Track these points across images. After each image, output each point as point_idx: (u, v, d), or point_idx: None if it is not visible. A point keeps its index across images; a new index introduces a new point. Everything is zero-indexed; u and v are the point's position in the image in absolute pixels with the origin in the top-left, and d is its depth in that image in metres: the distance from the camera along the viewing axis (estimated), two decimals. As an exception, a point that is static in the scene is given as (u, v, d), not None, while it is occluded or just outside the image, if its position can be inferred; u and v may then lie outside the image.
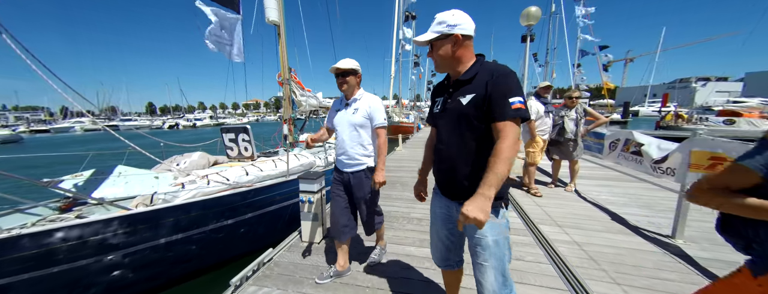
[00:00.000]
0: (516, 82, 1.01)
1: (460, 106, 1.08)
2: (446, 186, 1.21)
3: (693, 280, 1.85)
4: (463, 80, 1.09)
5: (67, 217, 2.29)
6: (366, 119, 1.80)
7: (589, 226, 2.75)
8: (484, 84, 1.02)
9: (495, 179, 0.93)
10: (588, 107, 3.96)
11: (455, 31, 1.06)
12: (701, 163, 2.14)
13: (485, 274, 1.09)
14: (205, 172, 3.30)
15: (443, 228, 1.29)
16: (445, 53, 1.10)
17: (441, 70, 1.16)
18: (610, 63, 20.88)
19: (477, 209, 0.89)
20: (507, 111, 0.98)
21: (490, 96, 1.00)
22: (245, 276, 1.91)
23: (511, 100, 0.97)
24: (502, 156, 0.94)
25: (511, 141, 0.96)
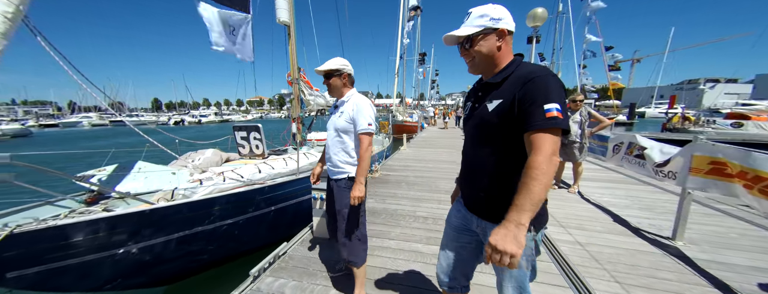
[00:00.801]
0: (555, 85, 0.85)
1: (484, 112, 0.97)
2: (466, 196, 1.13)
3: (690, 280, 1.93)
4: (493, 83, 0.97)
5: (94, 210, 2.43)
6: (349, 123, 1.64)
7: (591, 227, 2.84)
8: (515, 88, 0.89)
9: (528, 202, 0.78)
10: (592, 110, 4.02)
11: (501, 26, 0.93)
12: (702, 168, 2.21)
13: (504, 290, 1.03)
14: (221, 170, 3.43)
15: (454, 240, 1.18)
16: (489, 50, 0.96)
17: (478, 70, 1.03)
18: (617, 63, 20.68)
19: (508, 240, 0.76)
20: (539, 120, 0.83)
21: (521, 102, 0.87)
22: (262, 268, 2.03)
23: (547, 107, 0.82)
24: (534, 174, 0.80)
25: (546, 155, 0.81)
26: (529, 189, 0.79)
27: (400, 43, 16.70)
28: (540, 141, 0.83)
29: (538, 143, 0.83)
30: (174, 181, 3.19)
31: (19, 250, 1.84)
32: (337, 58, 1.73)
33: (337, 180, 1.70)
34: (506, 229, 0.78)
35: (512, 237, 0.76)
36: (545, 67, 0.92)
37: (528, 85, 0.86)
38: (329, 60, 1.70)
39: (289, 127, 5.74)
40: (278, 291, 1.85)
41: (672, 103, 21.34)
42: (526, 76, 0.88)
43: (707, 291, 1.82)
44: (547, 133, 0.83)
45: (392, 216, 3.19)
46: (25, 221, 1.91)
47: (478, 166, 1.03)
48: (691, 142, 2.32)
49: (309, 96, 5.80)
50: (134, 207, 2.29)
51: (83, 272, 2.12)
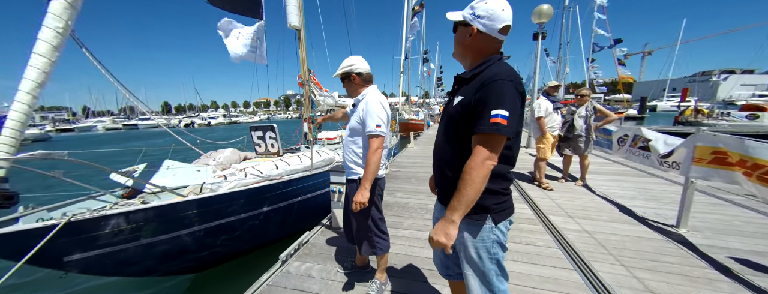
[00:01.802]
0: (510, 92, 0.87)
1: (450, 106, 1.02)
2: (438, 188, 1.16)
3: (691, 263, 2.03)
4: (464, 78, 1.01)
5: (134, 203, 2.66)
6: (359, 124, 1.59)
7: (597, 216, 2.94)
8: (475, 88, 0.92)
9: (459, 203, 0.88)
10: (597, 104, 4.09)
11: (474, 24, 0.96)
12: (704, 157, 2.30)
13: (470, 287, 1.06)
14: (242, 166, 3.65)
15: None
16: (458, 40, 1.03)
17: (455, 56, 1.09)
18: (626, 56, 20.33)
19: (440, 232, 0.89)
20: (484, 124, 0.86)
21: (476, 103, 0.90)
22: (289, 253, 2.22)
23: (494, 112, 0.85)
24: (466, 177, 0.87)
25: (480, 159, 0.86)
26: (461, 192, 0.87)
27: (404, 42, 16.79)
28: (479, 144, 0.87)
29: (476, 146, 0.88)
30: (199, 177, 3.42)
31: (75, 237, 2.07)
32: (349, 57, 1.70)
33: (349, 180, 1.71)
34: (441, 224, 0.90)
35: (443, 231, 0.89)
36: (509, 72, 0.91)
37: (485, 88, 0.88)
38: (343, 61, 1.70)
39: (300, 127, 5.97)
40: (305, 273, 2.04)
41: (684, 95, 20.91)
42: (488, 78, 0.90)
43: (707, 272, 1.92)
44: (487, 138, 0.86)
45: (404, 208, 3.35)
46: (79, 211, 2.13)
47: (442, 158, 1.07)
48: (694, 133, 2.41)
49: (319, 96, 6.00)
50: (171, 199, 2.50)
51: (126, 258, 2.35)
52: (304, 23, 5.25)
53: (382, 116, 1.55)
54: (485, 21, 0.94)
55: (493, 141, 0.87)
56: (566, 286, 1.81)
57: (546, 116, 3.94)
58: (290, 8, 4.95)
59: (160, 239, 2.43)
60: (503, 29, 0.96)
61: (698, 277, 1.87)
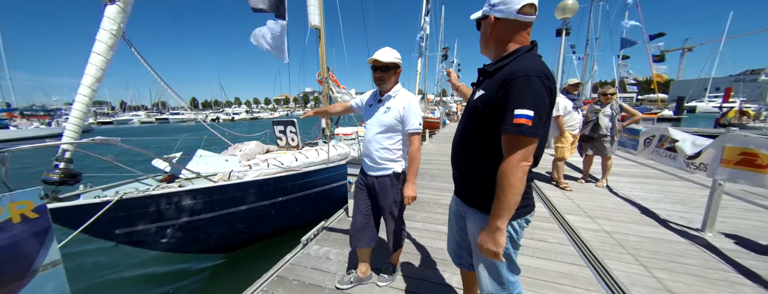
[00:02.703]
0: (532, 88, 0.82)
1: (472, 99, 1.00)
2: (455, 181, 1.18)
3: (714, 266, 1.97)
4: (488, 71, 0.98)
5: (173, 186, 2.95)
6: (398, 121, 1.57)
7: (616, 217, 2.87)
8: (497, 84, 0.88)
9: (500, 209, 0.85)
10: (623, 103, 3.94)
11: (491, 13, 0.93)
12: (732, 159, 2.20)
13: (480, 275, 1.07)
14: (265, 157, 3.89)
15: (454, 223, 1.25)
16: (481, 36, 1.01)
17: (482, 52, 1.06)
18: (663, 53, 18.92)
19: (489, 241, 0.88)
20: (507, 123, 0.82)
21: (498, 101, 0.86)
22: (310, 237, 2.40)
23: (516, 112, 0.80)
24: (504, 182, 0.83)
25: (514, 163, 0.82)
26: (500, 199, 0.84)
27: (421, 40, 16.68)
28: (509, 147, 0.84)
29: (506, 149, 0.84)
30: (227, 166, 3.70)
31: (125, 213, 2.35)
32: (390, 49, 1.59)
33: (379, 177, 1.63)
34: (487, 233, 0.89)
35: (491, 240, 0.88)
36: (536, 66, 0.85)
37: (508, 85, 0.83)
38: (384, 50, 1.57)
39: (319, 123, 6.20)
40: (324, 256, 2.20)
41: (727, 96, 19.21)
42: (511, 73, 0.84)
43: (730, 276, 1.86)
44: (513, 139, 0.83)
45: (417, 203, 3.43)
46: (129, 191, 2.41)
47: (460, 150, 1.07)
48: (723, 133, 2.30)
49: (337, 93, 6.20)
50: (204, 184, 2.76)
51: (165, 234, 2.63)
52: (324, 22, 5.44)
53: (421, 114, 1.62)
54: (501, 7, 0.90)
55: (520, 142, 0.82)
56: (578, 281, 1.83)
57: (565, 115, 3.85)
58: (311, 8, 5.15)
59: (194, 219, 2.70)
60: (524, 8, 0.88)
61: (719, 279, 1.82)
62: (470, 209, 1.07)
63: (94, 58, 2.37)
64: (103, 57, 2.39)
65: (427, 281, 1.88)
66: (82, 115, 2.32)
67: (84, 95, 2.34)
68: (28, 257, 0.81)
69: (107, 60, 2.42)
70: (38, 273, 0.83)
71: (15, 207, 0.78)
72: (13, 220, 0.78)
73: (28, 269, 0.81)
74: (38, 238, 0.82)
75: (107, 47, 2.40)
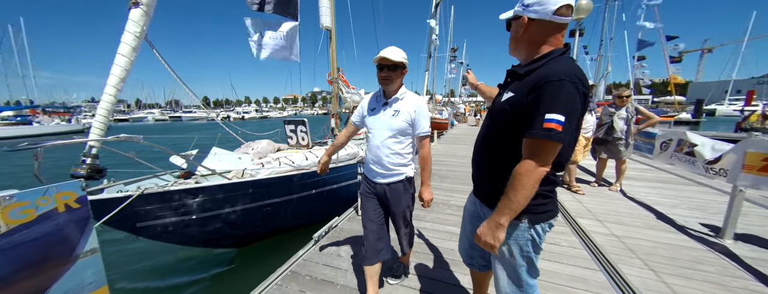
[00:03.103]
0: (565, 93, 0.80)
1: (499, 101, 0.98)
2: (474, 181, 1.18)
3: (733, 274, 1.92)
4: (518, 73, 0.95)
5: (190, 182, 3.06)
6: (408, 125, 1.49)
7: (630, 222, 2.82)
8: (529, 86, 0.86)
9: (508, 207, 0.84)
10: (639, 106, 3.85)
11: (524, 13, 0.91)
12: (755, 164, 2.13)
13: (498, 276, 1.06)
14: (276, 156, 3.98)
15: (469, 223, 1.25)
16: (511, 36, 0.98)
17: (511, 53, 1.03)
18: (681, 54, 18.30)
19: (488, 234, 0.89)
20: (535, 127, 0.80)
21: (529, 105, 0.84)
22: (321, 234, 2.45)
23: (547, 117, 0.78)
24: (517, 183, 0.82)
25: (530, 167, 0.81)
26: (510, 197, 0.84)
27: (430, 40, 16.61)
28: (531, 150, 0.82)
29: (528, 152, 0.83)
30: (240, 163, 3.79)
31: (145, 207, 2.45)
32: (397, 48, 1.49)
33: (391, 183, 1.56)
34: (488, 225, 0.89)
35: (491, 233, 0.88)
36: (570, 70, 0.83)
37: (541, 89, 0.82)
38: (392, 49, 1.47)
39: (328, 123, 6.27)
40: (335, 252, 2.24)
41: (750, 99, 18.44)
42: (544, 77, 0.83)
43: (750, 284, 1.81)
44: (538, 143, 0.81)
45: (427, 203, 3.45)
46: (149, 186, 2.51)
47: (480, 153, 1.06)
48: (745, 138, 2.23)
49: (346, 94, 6.26)
50: (220, 181, 2.85)
51: (183, 228, 2.73)
52: (335, 23, 5.51)
53: (429, 116, 1.57)
54: (536, 7, 0.88)
55: (545, 147, 0.80)
56: (591, 285, 1.81)
57: (579, 117, 3.79)
58: (323, 10, 5.23)
59: (210, 214, 2.79)
60: (560, 10, 0.86)
61: (738, 287, 1.78)
62: (487, 209, 1.07)
63: (118, 59, 2.47)
64: (127, 58, 2.49)
65: (438, 281, 1.89)
66: (108, 113, 2.44)
67: (109, 94, 2.44)
68: (70, 244, 0.87)
69: (131, 61, 2.52)
70: (79, 259, 0.89)
71: (60, 197, 0.84)
72: (58, 209, 0.85)
73: (70, 255, 0.88)
74: (79, 227, 0.89)
75: (131, 49, 2.51)
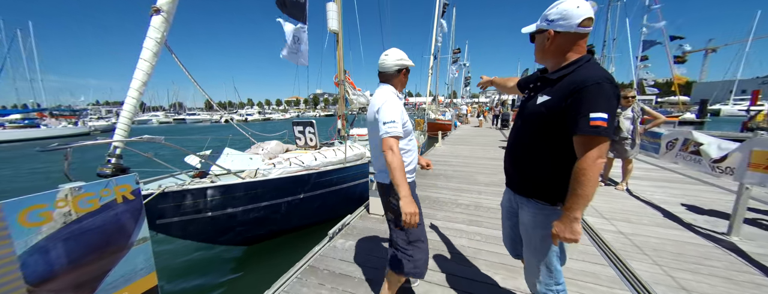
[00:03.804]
0: (606, 94, 0.89)
1: (534, 105, 1.06)
2: (507, 174, 1.27)
3: (740, 268, 1.97)
4: (549, 79, 1.05)
5: (205, 181, 3.15)
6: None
7: (637, 220, 2.86)
8: (565, 91, 0.95)
9: (577, 202, 0.92)
10: (645, 106, 3.90)
11: (550, 28, 1.01)
12: (761, 163, 2.18)
13: (530, 264, 1.17)
14: (287, 156, 4.07)
15: (507, 219, 1.34)
16: (538, 48, 1.09)
17: (538, 62, 1.14)
18: (685, 54, 18.22)
19: (566, 230, 0.96)
20: (583, 126, 0.89)
21: (569, 107, 0.93)
22: (335, 231, 2.52)
23: (592, 116, 0.88)
24: (581, 179, 0.91)
25: (590, 161, 0.90)
26: (578, 194, 0.92)
27: (434, 43, 16.71)
28: (585, 146, 0.91)
29: (583, 149, 0.91)
30: (252, 164, 3.89)
31: (165, 204, 2.54)
32: (396, 50, 1.47)
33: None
34: (564, 222, 0.96)
35: (569, 228, 0.96)
36: (604, 74, 0.92)
37: (581, 92, 0.91)
38: (397, 53, 1.45)
39: (334, 124, 6.37)
40: (349, 248, 2.31)
41: (755, 98, 18.28)
42: (582, 81, 0.92)
43: (757, 278, 1.86)
44: (590, 139, 0.90)
45: (435, 202, 3.51)
46: (168, 184, 2.61)
47: (522, 151, 1.15)
48: (751, 137, 2.28)
49: (353, 95, 6.35)
50: (233, 180, 2.93)
51: (201, 225, 2.83)
52: (342, 27, 5.62)
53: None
54: (561, 22, 0.98)
55: (596, 142, 0.89)
56: (601, 280, 1.87)
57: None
58: (330, 14, 5.34)
59: (226, 212, 2.89)
60: (584, 22, 0.96)
61: (744, 281, 1.82)
62: (526, 200, 1.14)
63: (141, 64, 2.58)
64: (149, 62, 2.60)
65: (451, 274, 1.96)
66: (132, 115, 2.53)
67: (133, 97, 2.54)
68: (126, 232, 0.95)
69: (152, 65, 2.62)
70: (133, 246, 0.97)
71: (119, 189, 0.93)
72: (117, 200, 0.93)
73: (126, 242, 0.96)
74: (134, 217, 0.97)
75: (153, 54, 2.61)
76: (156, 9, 2.60)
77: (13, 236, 0.74)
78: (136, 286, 0.99)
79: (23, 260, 0.76)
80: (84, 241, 0.85)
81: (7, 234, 0.73)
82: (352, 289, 1.81)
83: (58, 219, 0.83)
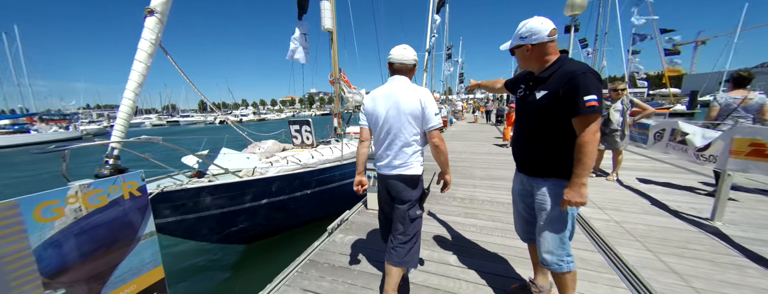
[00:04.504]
0: (593, 80, 1.11)
1: (534, 100, 1.26)
2: (518, 160, 1.45)
3: (722, 251, 2.06)
4: (541, 77, 1.25)
5: (201, 181, 3.17)
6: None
7: (627, 208, 2.96)
8: (559, 83, 1.15)
9: (582, 170, 1.13)
10: (635, 98, 4.00)
11: (526, 42, 1.24)
12: (742, 150, 2.28)
13: (543, 233, 1.31)
14: (284, 155, 4.10)
15: (520, 202, 1.49)
16: (520, 58, 1.31)
17: (523, 68, 1.37)
18: (676, 47, 18.42)
19: (575, 195, 1.14)
20: (581, 107, 1.09)
21: (565, 94, 1.13)
22: (334, 226, 2.57)
23: (586, 98, 1.08)
24: (584, 150, 1.11)
25: (590, 135, 1.10)
26: (583, 162, 1.13)
27: (428, 39, 16.71)
28: (583, 124, 1.12)
29: (582, 127, 1.12)
30: (249, 163, 3.91)
31: (164, 204, 2.57)
32: (408, 48, 1.53)
33: None
34: (574, 188, 1.15)
35: (578, 193, 1.15)
36: (586, 66, 1.16)
37: (572, 81, 1.12)
38: (413, 49, 1.55)
39: (331, 122, 6.39)
40: (348, 242, 2.37)
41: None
42: (570, 73, 1.14)
43: (737, 260, 1.96)
44: (587, 118, 1.11)
45: (431, 196, 3.57)
46: (167, 184, 2.63)
47: (530, 138, 1.35)
48: (732, 126, 2.38)
49: (348, 94, 6.38)
50: (232, 179, 2.96)
51: (200, 224, 2.86)
52: (336, 26, 5.62)
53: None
54: (534, 36, 1.22)
55: (591, 119, 1.11)
56: (591, 264, 1.95)
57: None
58: (324, 12, 5.34)
59: (225, 211, 2.92)
60: (551, 33, 1.21)
61: (726, 263, 1.92)
62: (543, 180, 1.30)
63: (136, 65, 2.59)
64: (144, 64, 2.61)
65: (444, 264, 2.03)
66: (128, 116, 2.55)
67: (129, 99, 2.56)
68: (134, 227, 0.99)
69: (147, 66, 2.63)
70: (141, 241, 1.01)
71: (126, 186, 0.96)
72: (124, 197, 0.97)
73: (134, 237, 1.00)
74: (140, 212, 1.01)
75: (147, 55, 2.62)
76: (150, 10, 2.61)
77: (29, 231, 0.78)
78: (143, 279, 1.03)
79: (38, 254, 0.80)
80: (94, 236, 0.89)
81: (23, 228, 0.77)
82: (351, 280, 1.87)
83: (69, 214, 0.87)
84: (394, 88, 1.47)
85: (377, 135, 1.56)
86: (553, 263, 1.30)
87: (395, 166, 1.52)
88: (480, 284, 1.80)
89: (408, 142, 1.47)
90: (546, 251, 1.31)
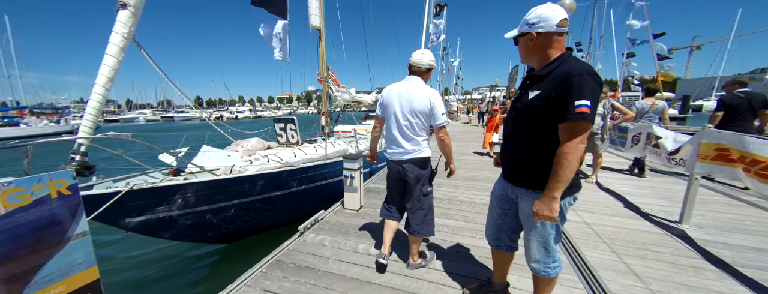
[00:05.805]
0: (589, 84, 0.97)
1: (526, 100, 1.14)
2: (507, 168, 1.32)
3: (684, 254, 2.09)
4: (538, 76, 1.12)
5: (176, 179, 3.14)
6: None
7: (599, 210, 2.99)
8: (553, 83, 1.02)
9: (557, 183, 1.00)
10: (616, 103, 4.04)
11: (532, 30, 1.09)
12: (708, 154, 2.31)
13: (530, 243, 1.26)
14: (265, 153, 4.07)
15: (497, 207, 1.40)
16: (522, 48, 1.17)
17: (524, 62, 1.24)
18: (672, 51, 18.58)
19: (544, 208, 1.04)
20: (569, 113, 0.96)
21: (557, 96, 1.00)
22: (306, 226, 2.56)
23: (578, 103, 0.95)
24: (564, 161, 0.98)
25: (573, 145, 0.97)
26: (559, 174, 1.00)
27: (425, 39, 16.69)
28: (569, 133, 0.99)
29: (567, 135, 0.99)
30: (230, 161, 3.88)
31: (134, 203, 2.54)
32: (431, 53, 1.77)
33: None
34: (544, 202, 1.05)
35: (548, 206, 1.04)
36: (586, 67, 1.01)
37: (565, 83, 0.99)
38: (430, 54, 1.77)
39: (318, 121, 6.36)
40: (319, 243, 2.36)
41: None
42: (567, 73, 1.01)
43: (696, 262, 1.99)
44: (575, 125, 0.98)
45: (411, 196, 3.58)
46: (138, 182, 2.60)
47: (518, 143, 1.22)
48: (699, 130, 2.41)
49: (336, 92, 6.35)
50: (209, 178, 2.93)
51: (172, 223, 2.83)
52: (324, 23, 5.59)
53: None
54: (541, 24, 1.08)
55: (580, 127, 0.97)
56: (552, 267, 1.96)
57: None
58: (312, 9, 5.30)
59: (199, 210, 2.89)
60: (561, 22, 1.06)
61: (685, 265, 1.95)
62: (525, 191, 1.21)
63: (107, 59, 2.54)
64: (115, 58, 2.56)
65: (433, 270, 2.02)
66: (97, 112, 2.50)
67: (98, 93, 2.51)
68: (62, 227, 0.97)
69: (119, 61, 2.59)
70: (71, 241, 0.99)
71: (53, 185, 0.94)
72: (51, 196, 0.95)
73: (63, 237, 0.97)
74: (71, 212, 0.99)
75: (119, 49, 2.58)
76: (123, 3, 2.56)
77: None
78: (75, 279, 1.01)
79: (-52, 253, 0.77)
80: (13, 236, 0.87)
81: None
82: (313, 280, 1.86)
83: (-15, 213, 0.85)
84: (409, 87, 1.75)
85: (390, 126, 1.83)
86: (541, 271, 1.27)
87: (409, 151, 1.80)
88: (441, 284, 1.80)
89: (418, 133, 1.78)
90: (533, 260, 1.28)
